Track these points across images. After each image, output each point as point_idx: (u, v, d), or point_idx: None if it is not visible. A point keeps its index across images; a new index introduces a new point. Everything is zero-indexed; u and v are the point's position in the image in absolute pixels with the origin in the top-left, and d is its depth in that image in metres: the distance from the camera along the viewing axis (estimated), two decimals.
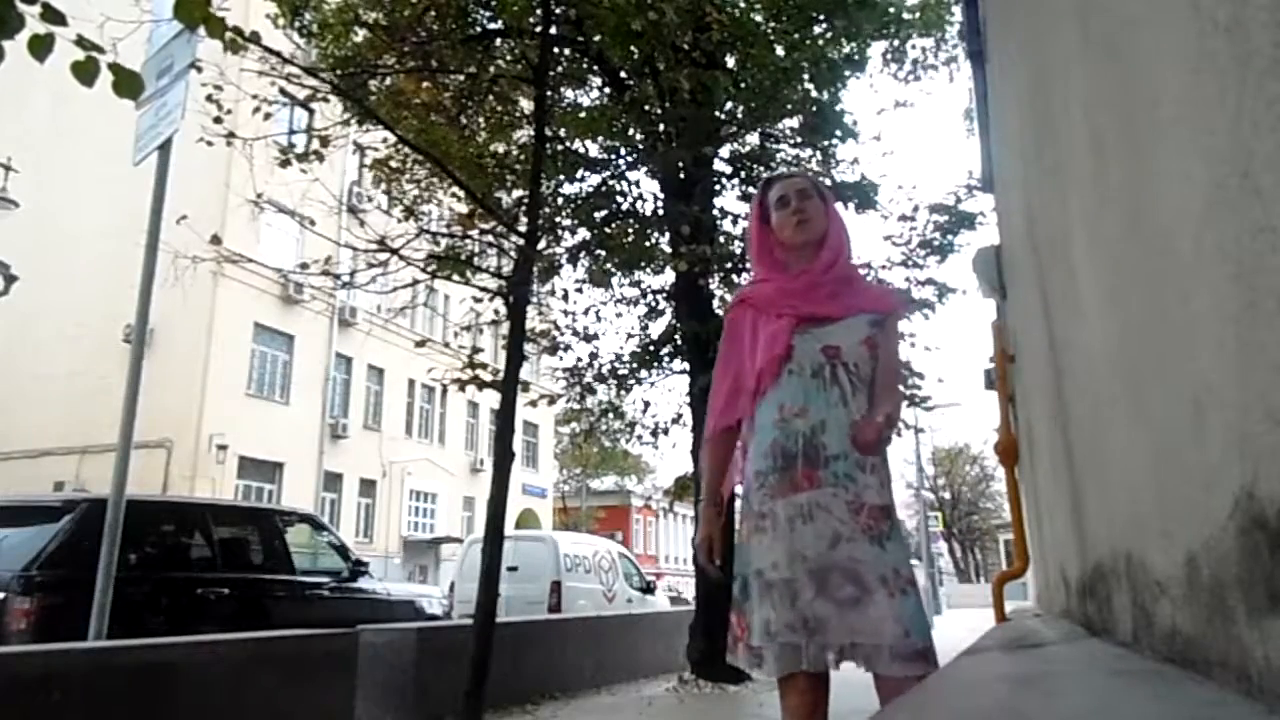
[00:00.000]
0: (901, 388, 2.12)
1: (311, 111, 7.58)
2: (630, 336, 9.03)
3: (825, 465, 1.88)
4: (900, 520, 1.95)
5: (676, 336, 8.34)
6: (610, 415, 9.73)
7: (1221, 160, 0.70)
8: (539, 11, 6.21)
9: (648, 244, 8.45)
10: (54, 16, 2.24)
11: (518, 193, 8.14)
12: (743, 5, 7.65)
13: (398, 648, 5.07)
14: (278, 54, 5.58)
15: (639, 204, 8.49)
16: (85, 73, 2.35)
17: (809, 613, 1.79)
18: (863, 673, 1.83)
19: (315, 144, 6.76)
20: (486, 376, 5.79)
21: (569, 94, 9.05)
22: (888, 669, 1.75)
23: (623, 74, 7.96)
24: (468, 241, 7.11)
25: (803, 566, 1.82)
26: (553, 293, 9.21)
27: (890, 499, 1.91)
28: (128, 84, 2.41)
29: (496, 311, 6.85)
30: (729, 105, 7.86)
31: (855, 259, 2.21)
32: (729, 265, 8.17)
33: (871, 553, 1.82)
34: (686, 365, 8.10)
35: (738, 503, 2.13)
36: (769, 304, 2.06)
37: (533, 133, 5.90)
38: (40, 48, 2.24)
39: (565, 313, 9.09)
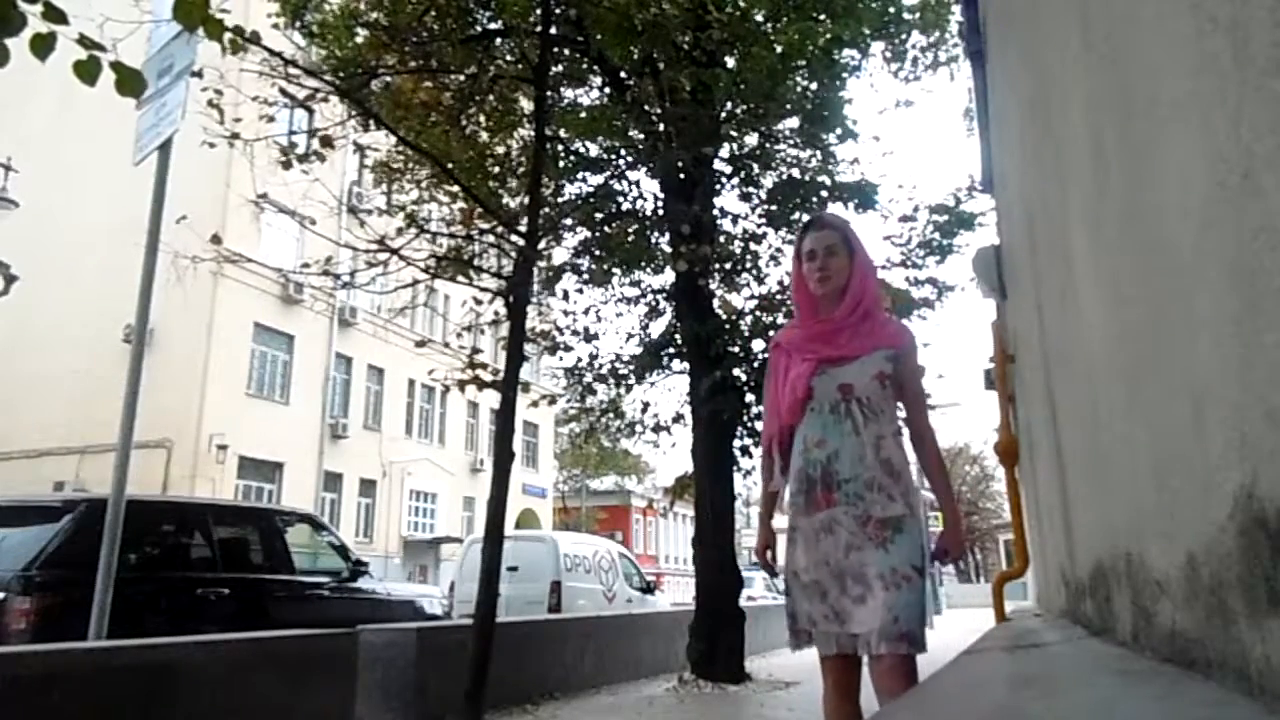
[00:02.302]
0: (928, 412, 2.55)
1: (312, 112, 7.57)
2: (630, 336, 9.03)
3: (839, 488, 2.25)
4: (918, 518, 2.26)
5: (676, 336, 8.33)
6: (610, 415, 9.72)
7: (1221, 160, 0.70)
8: (539, 11, 6.20)
9: (648, 244, 8.44)
10: (55, 15, 2.24)
11: (519, 198, 8.13)
12: (743, 4, 7.63)
13: (398, 648, 5.07)
14: (278, 55, 5.58)
15: (639, 204, 8.49)
16: (87, 72, 2.35)
17: (837, 606, 2.20)
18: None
19: (316, 144, 6.74)
20: (486, 377, 5.78)
21: (569, 94, 9.04)
22: (876, 649, 2.11)
23: (623, 74, 7.95)
24: (469, 242, 7.09)
25: (827, 570, 2.23)
26: (553, 293, 9.19)
27: (899, 510, 2.23)
28: (130, 82, 2.41)
29: (496, 312, 6.84)
30: (729, 105, 7.84)
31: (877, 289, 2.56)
32: (729, 265, 8.16)
33: (876, 556, 2.18)
34: (686, 365, 8.09)
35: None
36: (797, 348, 2.43)
37: (533, 133, 5.90)
38: (42, 47, 2.24)
39: (565, 313, 9.09)
